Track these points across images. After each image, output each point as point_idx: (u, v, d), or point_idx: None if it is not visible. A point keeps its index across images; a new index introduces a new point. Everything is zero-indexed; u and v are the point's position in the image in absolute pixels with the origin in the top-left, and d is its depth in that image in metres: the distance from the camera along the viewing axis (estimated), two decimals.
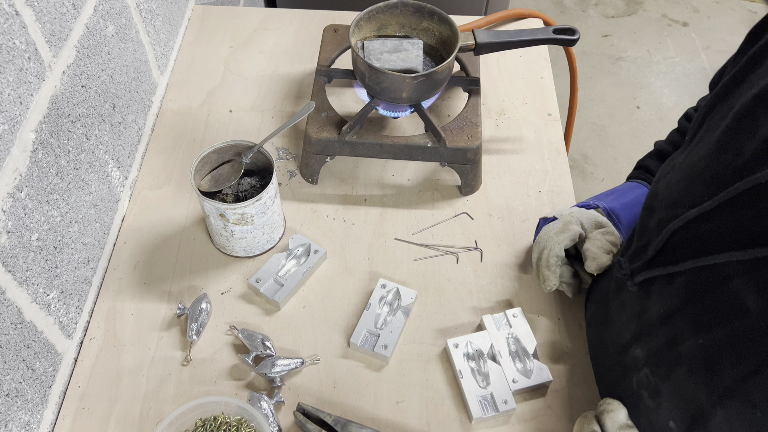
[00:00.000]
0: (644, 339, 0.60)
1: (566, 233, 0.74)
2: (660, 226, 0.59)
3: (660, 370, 0.58)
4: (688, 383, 0.54)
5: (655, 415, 0.59)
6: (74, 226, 0.75)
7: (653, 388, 0.59)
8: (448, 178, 0.95)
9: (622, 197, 0.81)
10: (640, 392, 0.61)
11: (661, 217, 0.59)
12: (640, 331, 0.61)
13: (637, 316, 0.62)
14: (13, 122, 0.62)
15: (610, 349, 0.68)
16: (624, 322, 0.64)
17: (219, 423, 0.69)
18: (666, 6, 2.67)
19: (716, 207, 0.51)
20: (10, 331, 0.63)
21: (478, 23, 1.09)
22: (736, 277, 0.49)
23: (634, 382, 0.62)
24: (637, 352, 0.62)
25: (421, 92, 0.85)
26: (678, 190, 0.58)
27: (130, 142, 0.91)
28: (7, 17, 0.60)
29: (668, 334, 0.56)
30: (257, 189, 0.81)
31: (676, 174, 0.59)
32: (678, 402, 0.56)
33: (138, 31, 0.91)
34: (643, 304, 0.61)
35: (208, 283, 0.83)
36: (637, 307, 0.62)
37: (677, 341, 0.55)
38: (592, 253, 0.73)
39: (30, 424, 0.68)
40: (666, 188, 0.60)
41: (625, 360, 0.64)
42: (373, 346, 0.77)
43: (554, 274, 0.75)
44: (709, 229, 0.52)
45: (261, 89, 1.04)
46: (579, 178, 2.08)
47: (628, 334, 0.63)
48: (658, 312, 0.58)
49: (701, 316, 0.53)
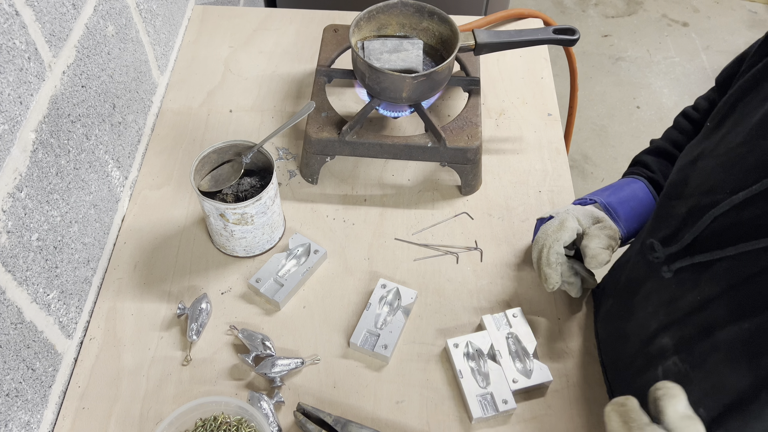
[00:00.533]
0: (674, 328, 0.60)
1: (564, 230, 0.75)
2: (693, 212, 0.58)
3: (692, 357, 0.57)
4: (725, 370, 0.53)
5: None
6: (74, 226, 0.75)
7: (683, 376, 0.58)
8: (448, 178, 0.95)
9: (618, 192, 0.81)
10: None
11: (694, 204, 0.59)
12: (670, 320, 0.61)
13: (666, 305, 0.61)
14: (13, 122, 0.62)
15: (632, 340, 0.67)
16: (650, 313, 0.64)
17: (219, 423, 0.69)
18: (666, 6, 2.67)
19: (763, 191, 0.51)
20: (10, 331, 0.63)
21: (478, 23, 1.09)
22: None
23: (660, 371, 0.62)
24: (665, 342, 0.61)
25: (421, 92, 0.85)
26: (714, 177, 0.58)
27: (130, 142, 0.91)
28: (7, 17, 0.60)
29: (703, 321, 0.56)
30: (257, 189, 0.81)
31: (710, 161, 0.59)
32: (710, 389, 0.55)
33: (138, 31, 0.91)
34: (674, 293, 0.60)
35: (208, 283, 0.83)
36: (665, 297, 0.62)
37: (713, 328, 0.55)
38: (591, 251, 0.73)
39: (30, 424, 0.68)
40: (698, 175, 0.60)
41: (650, 350, 0.63)
42: (373, 346, 0.77)
43: (555, 272, 0.75)
44: (753, 213, 0.52)
45: (261, 89, 1.04)
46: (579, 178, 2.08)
47: (655, 323, 0.63)
48: (692, 300, 0.58)
49: (743, 302, 0.52)
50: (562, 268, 0.76)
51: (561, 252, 0.75)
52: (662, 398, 0.53)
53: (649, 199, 0.80)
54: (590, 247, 0.73)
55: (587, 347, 0.79)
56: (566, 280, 0.77)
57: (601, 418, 0.74)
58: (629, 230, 0.79)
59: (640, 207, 0.79)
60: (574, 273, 0.77)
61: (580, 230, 0.76)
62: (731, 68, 0.75)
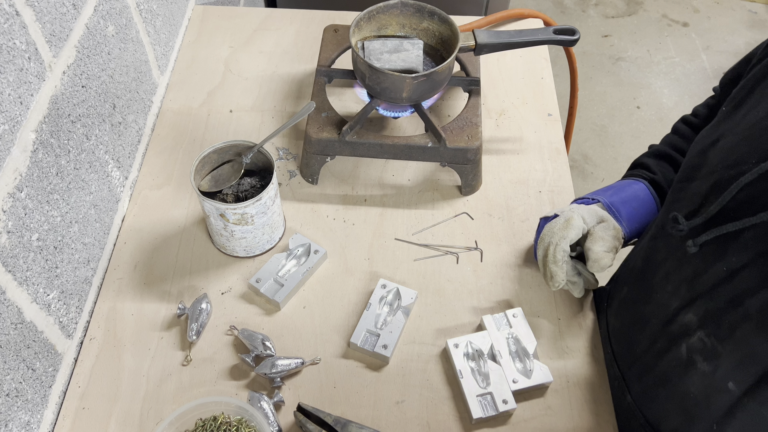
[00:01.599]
0: (699, 302, 0.60)
1: (570, 228, 0.74)
2: (717, 186, 0.59)
3: (720, 330, 0.57)
4: (756, 339, 0.53)
5: (711, 378, 0.59)
6: (74, 226, 0.75)
7: (710, 350, 0.58)
8: (448, 178, 0.95)
9: (620, 192, 0.81)
10: (693, 358, 0.60)
11: (718, 178, 0.59)
12: (694, 295, 0.61)
13: (689, 281, 0.61)
14: (14, 122, 0.62)
15: (652, 322, 0.67)
16: (670, 292, 0.64)
17: (219, 423, 0.69)
18: (666, 6, 2.67)
19: None
20: (11, 331, 0.63)
21: (478, 23, 1.09)
22: None
23: (684, 349, 0.61)
24: (689, 318, 0.61)
25: (421, 92, 0.85)
26: (738, 151, 0.58)
27: (130, 142, 0.91)
28: (8, 17, 0.60)
29: (731, 292, 0.56)
30: (257, 189, 0.81)
31: (731, 139, 0.60)
32: (740, 361, 0.55)
33: (138, 31, 0.91)
34: (697, 268, 0.60)
35: (208, 283, 0.83)
36: (688, 272, 0.61)
37: (743, 298, 0.55)
38: (594, 254, 0.73)
39: (30, 424, 0.68)
40: (719, 153, 0.61)
41: (672, 329, 0.63)
42: (373, 346, 0.77)
43: (561, 270, 0.74)
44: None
45: (261, 89, 1.04)
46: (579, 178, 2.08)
47: (676, 301, 0.63)
48: (718, 271, 0.58)
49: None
50: (567, 267, 0.76)
51: (567, 250, 0.74)
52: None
53: (650, 200, 0.80)
54: (593, 250, 0.73)
55: (587, 347, 0.79)
56: (570, 279, 0.77)
57: (601, 418, 0.74)
58: (631, 230, 0.79)
59: (642, 208, 0.80)
60: (577, 273, 0.77)
61: (586, 229, 0.76)
62: (738, 68, 0.76)
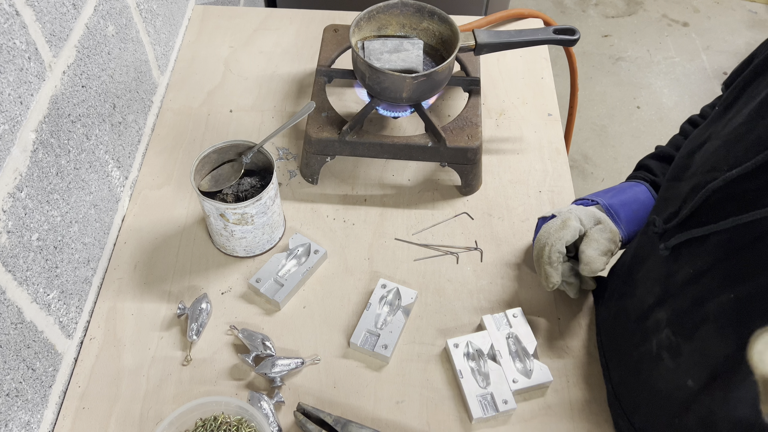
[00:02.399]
0: (669, 301, 0.62)
1: (567, 229, 0.75)
2: (695, 190, 0.60)
3: (683, 329, 0.60)
4: (713, 340, 0.56)
5: (674, 374, 0.61)
6: (74, 226, 0.75)
7: (674, 348, 0.61)
8: (448, 178, 0.95)
9: (620, 194, 0.81)
10: (660, 353, 0.63)
11: (697, 182, 0.61)
12: (665, 294, 0.63)
13: (663, 280, 0.63)
14: (14, 122, 0.62)
15: (632, 316, 0.69)
16: (648, 288, 0.66)
17: (219, 423, 0.69)
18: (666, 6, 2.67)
19: (757, 167, 0.53)
20: (11, 331, 0.63)
21: (478, 23, 1.09)
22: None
23: (654, 344, 0.64)
24: (660, 315, 0.63)
25: (421, 92, 0.85)
26: (717, 155, 0.60)
27: (130, 142, 0.91)
28: (8, 17, 0.60)
29: (695, 293, 0.58)
30: (257, 189, 0.81)
31: (714, 142, 0.62)
32: (699, 360, 0.57)
33: (138, 31, 0.91)
34: (670, 268, 0.62)
35: (208, 283, 0.83)
36: (663, 272, 0.64)
37: (704, 300, 0.57)
38: (586, 257, 0.74)
39: (30, 423, 0.68)
40: (703, 156, 0.62)
41: (647, 324, 0.66)
42: (373, 346, 0.77)
43: (556, 271, 0.75)
44: (749, 187, 0.54)
45: (261, 89, 1.04)
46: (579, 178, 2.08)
47: (651, 298, 0.65)
48: (686, 273, 0.60)
49: (734, 272, 0.54)
50: (563, 268, 0.76)
51: (563, 251, 0.75)
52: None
53: (651, 202, 0.81)
54: (586, 253, 0.74)
55: (587, 347, 0.79)
56: (566, 280, 0.77)
57: (601, 417, 0.74)
58: (630, 233, 0.79)
59: (642, 210, 0.80)
60: (574, 273, 0.77)
61: (583, 230, 0.76)
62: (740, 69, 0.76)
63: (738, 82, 0.63)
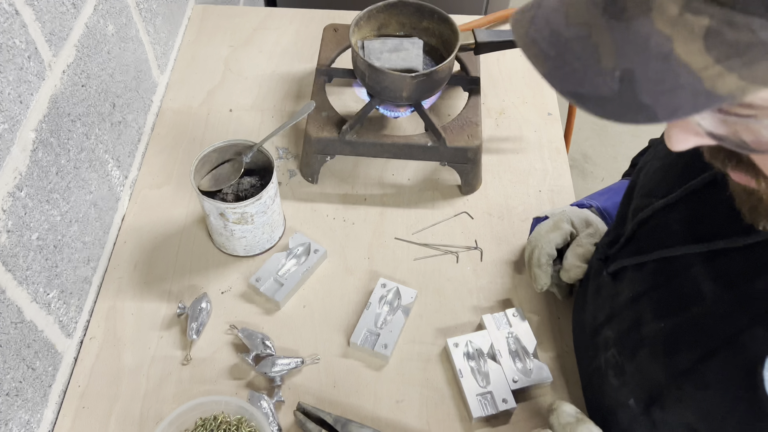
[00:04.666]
0: (615, 321, 0.63)
1: (557, 231, 0.75)
2: (634, 215, 0.61)
3: (626, 350, 0.60)
4: (649, 364, 0.56)
5: (619, 393, 0.61)
6: (74, 225, 0.75)
7: (619, 367, 0.61)
8: (448, 178, 0.95)
9: (615, 196, 0.81)
10: (607, 371, 0.63)
11: (636, 205, 0.61)
12: (612, 313, 0.63)
13: (611, 299, 0.64)
14: (13, 121, 0.62)
15: (586, 330, 0.70)
16: (599, 305, 0.67)
17: (219, 422, 0.69)
18: None
19: (680, 198, 0.53)
20: (10, 331, 0.63)
21: (478, 22, 1.09)
22: (695, 265, 0.51)
23: (603, 361, 0.65)
24: (608, 333, 0.64)
25: (421, 92, 0.85)
26: (654, 180, 0.60)
27: (130, 141, 0.91)
28: (7, 16, 0.60)
29: (634, 316, 0.59)
30: (257, 188, 0.81)
31: (655, 164, 0.62)
32: (639, 381, 0.58)
33: (138, 31, 0.91)
34: (617, 288, 0.63)
35: (208, 283, 0.83)
36: (611, 291, 0.64)
37: (641, 323, 0.57)
38: (567, 264, 0.74)
39: (30, 423, 0.68)
40: (644, 178, 0.62)
41: (597, 340, 0.66)
42: (373, 345, 0.77)
43: (545, 273, 0.75)
44: (674, 218, 0.54)
45: (261, 89, 1.04)
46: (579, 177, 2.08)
47: (602, 316, 0.66)
48: (627, 295, 0.60)
49: (663, 302, 0.55)
50: (552, 270, 0.76)
51: (552, 254, 0.75)
52: (549, 416, 0.64)
53: None
54: (568, 260, 0.74)
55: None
56: (555, 282, 0.78)
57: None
58: None
59: None
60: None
61: (574, 233, 0.76)
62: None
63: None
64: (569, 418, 0.62)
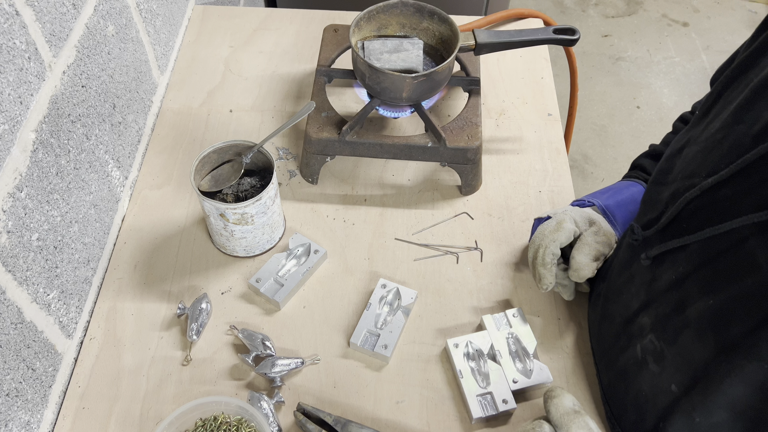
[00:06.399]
0: (652, 306, 0.63)
1: (561, 231, 0.75)
2: (674, 197, 0.61)
3: (666, 334, 0.60)
4: (693, 344, 0.56)
5: (659, 379, 0.61)
6: (74, 226, 0.75)
7: (658, 353, 0.61)
8: (448, 178, 0.95)
9: (617, 195, 0.81)
10: (645, 358, 0.63)
11: (676, 188, 0.61)
12: (649, 299, 0.63)
13: (647, 285, 0.64)
14: (14, 122, 0.62)
15: (617, 320, 0.70)
16: (632, 293, 0.66)
17: (219, 423, 0.69)
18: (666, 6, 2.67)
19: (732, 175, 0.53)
20: (10, 331, 0.63)
21: (478, 23, 1.09)
22: (751, 237, 0.51)
23: (639, 349, 0.64)
24: (644, 320, 0.64)
25: (421, 92, 0.85)
26: (695, 162, 0.60)
27: (130, 142, 0.91)
28: (7, 17, 0.60)
29: (677, 298, 0.59)
30: (257, 189, 0.81)
31: (693, 147, 0.62)
32: (681, 365, 0.58)
33: (138, 31, 0.91)
34: (654, 273, 0.63)
35: (208, 283, 0.83)
36: (647, 277, 0.64)
37: (685, 305, 0.57)
38: (576, 263, 0.74)
39: (30, 423, 0.68)
40: (682, 161, 0.62)
41: (632, 329, 0.66)
42: (373, 346, 0.77)
43: (550, 273, 0.75)
44: (724, 195, 0.55)
45: (261, 89, 1.04)
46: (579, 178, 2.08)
47: (636, 303, 0.65)
48: (668, 279, 0.60)
49: (711, 278, 0.55)
50: (557, 270, 0.76)
51: (557, 253, 0.75)
52: (546, 401, 0.63)
53: None
54: (576, 259, 0.74)
55: (587, 348, 0.79)
56: (560, 282, 0.77)
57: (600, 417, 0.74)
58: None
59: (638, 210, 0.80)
60: (568, 276, 0.77)
61: (577, 232, 0.76)
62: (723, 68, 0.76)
63: (716, 86, 0.63)
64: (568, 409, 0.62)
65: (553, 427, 0.61)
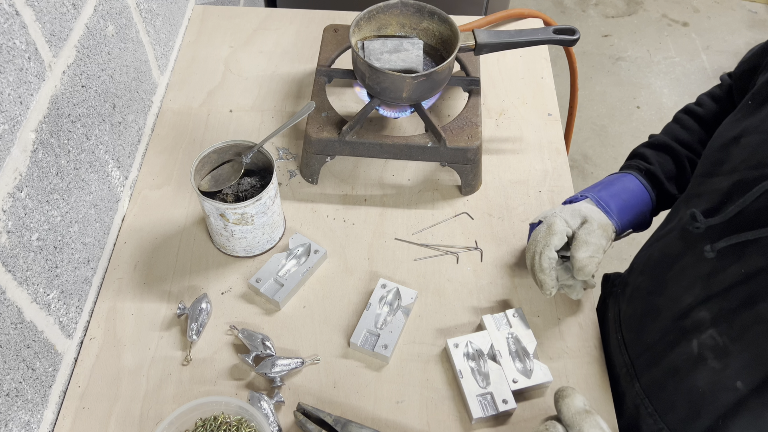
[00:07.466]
0: (713, 301, 0.61)
1: (553, 234, 0.74)
2: (739, 186, 0.59)
3: (732, 330, 0.59)
4: (766, 341, 0.55)
5: (720, 375, 0.60)
6: (74, 226, 0.75)
7: (721, 348, 0.60)
8: (448, 178, 0.95)
9: (609, 187, 0.81)
10: (703, 354, 0.62)
11: (739, 178, 0.60)
12: (709, 293, 0.62)
13: (704, 279, 0.62)
14: (14, 122, 0.62)
15: (663, 314, 0.68)
16: (684, 287, 0.65)
17: (219, 423, 0.69)
18: (666, 6, 2.67)
19: None
20: (11, 331, 0.63)
21: (478, 23, 1.09)
22: None
23: (695, 344, 0.63)
24: (702, 315, 0.62)
25: (421, 92, 0.85)
26: (761, 152, 0.59)
27: (130, 142, 0.91)
28: (7, 17, 0.60)
29: (747, 292, 0.57)
30: (257, 189, 0.81)
31: (756, 137, 0.61)
32: (749, 361, 0.57)
33: (138, 31, 0.91)
34: (715, 267, 0.61)
35: (208, 283, 0.83)
36: (703, 271, 0.63)
37: (756, 301, 0.56)
38: (578, 262, 0.73)
39: (30, 423, 0.68)
40: (743, 151, 0.61)
41: (684, 324, 0.64)
42: (373, 346, 0.77)
43: (550, 277, 0.74)
44: None
45: (261, 89, 1.04)
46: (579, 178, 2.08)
47: (689, 297, 0.64)
48: (735, 272, 0.59)
49: None
50: (558, 272, 0.76)
51: (553, 257, 0.74)
52: (558, 401, 0.62)
53: (641, 189, 0.80)
54: (577, 258, 0.73)
55: (587, 347, 0.79)
56: (564, 283, 0.77)
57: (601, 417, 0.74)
58: (623, 222, 0.78)
59: (633, 198, 0.80)
60: (572, 275, 0.77)
61: (570, 231, 0.75)
62: (755, 59, 0.75)
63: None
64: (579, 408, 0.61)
65: (564, 426, 0.61)
